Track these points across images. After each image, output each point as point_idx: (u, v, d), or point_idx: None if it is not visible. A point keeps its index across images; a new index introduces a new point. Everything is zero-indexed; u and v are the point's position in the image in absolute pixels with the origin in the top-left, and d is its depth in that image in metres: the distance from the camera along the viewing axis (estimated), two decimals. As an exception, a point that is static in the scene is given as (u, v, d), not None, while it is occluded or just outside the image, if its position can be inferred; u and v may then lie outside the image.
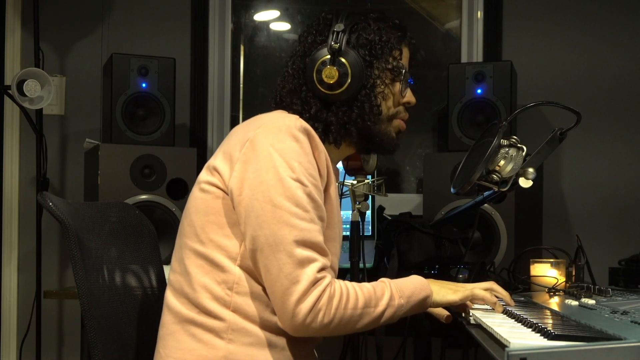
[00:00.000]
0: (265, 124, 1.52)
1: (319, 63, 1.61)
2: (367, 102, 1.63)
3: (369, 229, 2.62)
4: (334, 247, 1.61)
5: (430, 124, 3.46)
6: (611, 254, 2.45)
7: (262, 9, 3.63)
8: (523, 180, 1.78)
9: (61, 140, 3.41)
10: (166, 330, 1.56)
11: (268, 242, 1.45)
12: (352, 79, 1.61)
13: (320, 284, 1.44)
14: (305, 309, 1.43)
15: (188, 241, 1.56)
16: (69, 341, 3.36)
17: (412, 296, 1.56)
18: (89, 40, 3.40)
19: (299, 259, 1.43)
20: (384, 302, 1.52)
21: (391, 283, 1.56)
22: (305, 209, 1.46)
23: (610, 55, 3.14)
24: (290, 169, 1.47)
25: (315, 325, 1.44)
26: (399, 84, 1.69)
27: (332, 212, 1.59)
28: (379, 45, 1.65)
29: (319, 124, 1.62)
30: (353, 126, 1.64)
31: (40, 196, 1.53)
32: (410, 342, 2.61)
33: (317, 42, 1.65)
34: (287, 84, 1.67)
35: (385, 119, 1.69)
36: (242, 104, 3.60)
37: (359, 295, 1.49)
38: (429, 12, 3.55)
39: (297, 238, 1.44)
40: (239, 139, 1.54)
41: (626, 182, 3.10)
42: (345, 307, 1.47)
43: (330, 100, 1.62)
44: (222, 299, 1.50)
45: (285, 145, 1.48)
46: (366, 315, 1.50)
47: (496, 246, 2.62)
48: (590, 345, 1.04)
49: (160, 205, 2.80)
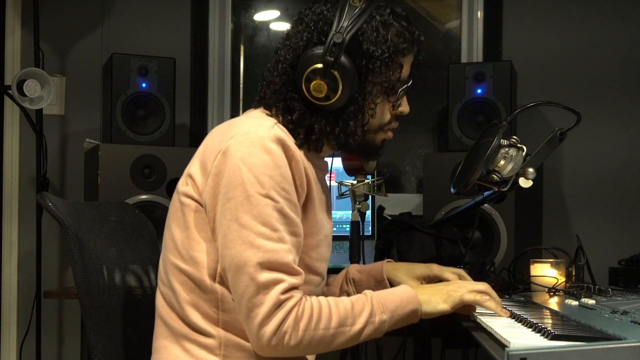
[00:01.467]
0: (238, 134, 1.45)
1: (309, 71, 1.49)
2: (353, 119, 1.53)
3: (369, 229, 2.62)
4: (317, 254, 1.57)
5: (430, 124, 3.46)
6: (611, 254, 2.46)
7: (262, 9, 3.63)
8: (523, 180, 1.77)
9: (61, 140, 3.41)
10: (160, 344, 1.54)
11: (233, 262, 1.41)
12: (341, 93, 1.49)
13: (284, 305, 1.39)
14: (269, 332, 1.38)
15: (170, 256, 1.53)
16: (69, 341, 3.36)
17: (397, 310, 1.47)
18: (89, 40, 3.40)
19: (262, 282, 1.38)
20: (362, 319, 1.44)
21: (373, 297, 1.48)
22: (273, 228, 1.41)
23: (610, 55, 3.13)
24: (260, 184, 1.41)
25: (282, 348, 1.40)
26: (395, 96, 1.58)
27: (315, 219, 1.55)
28: (379, 61, 1.52)
29: (301, 129, 1.52)
30: (334, 140, 1.56)
31: (40, 196, 1.53)
32: (410, 342, 2.61)
33: (313, 42, 1.52)
34: (272, 83, 1.55)
35: (372, 131, 1.59)
36: (242, 104, 3.60)
37: (332, 313, 1.43)
38: (429, 12, 3.55)
39: (262, 260, 1.39)
40: (214, 146, 1.48)
41: (626, 182, 3.10)
42: (315, 328, 1.41)
43: (316, 107, 1.53)
44: (211, 316, 1.48)
45: (255, 159, 1.41)
46: (341, 335, 1.43)
47: (496, 246, 2.62)
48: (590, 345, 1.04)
49: (160, 205, 2.80)
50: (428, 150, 3.43)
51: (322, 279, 1.63)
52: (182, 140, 3.30)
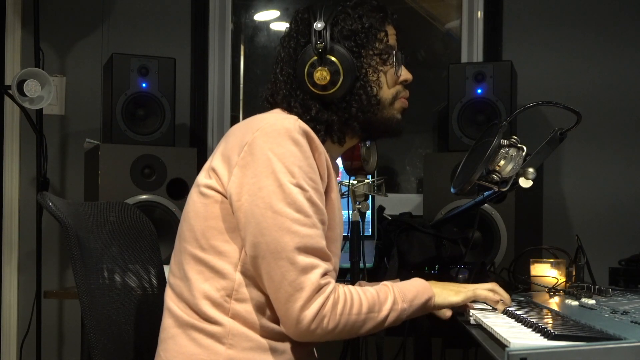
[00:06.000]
0: (264, 127, 1.49)
1: (308, 66, 1.58)
2: (364, 94, 1.61)
3: (369, 229, 2.62)
4: (335, 248, 1.61)
5: (430, 124, 3.46)
6: (611, 254, 2.45)
7: (262, 9, 3.63)
8: (523, 180, 1.77)
9: (61, 140, 3.41)
10: (167, 334, 1.55)
11: (270, 249, 1.44)
12: (344, 75, 1.58)
13: (325, 290, 1.44)
14: (310, 315, 1.42)
15: (188, 246, 1.55)
16: (69, 341, 3.36)
17: (415, 299, 1.56)
18: (89, 40, 3.40)
19: (301, 266, 1.43)
20: (388, 306, 1.51)
21: (394, 287, 1.56)
22: (306, 215, 1.45)
23: (610, 54, 3.13)
24: (290, 174, 1.45)
25: (320, 331, 1.44)
26: (391, 65, 1.66)
27: (334, 213, 1.59)
28: (363, 33, 1.62)
29: (320, 125, 1.60)
30: (355, 121, 1.63)
31: (40, 196, 1.53)
32: (410, 342, 2.61)
33: (301, 45, 1.62)
34: (281, 90, 1.63)
35: (387, 105, 1.67)
36: (242, 104, 3.60)
37: (362, 300, 1.49)
38: (429, 12, 3.55)
39: (299, 245, 1.43)
40: (237, 141, 1.52)
41: (626, 182, 3.10)
42: (349, 313, 1.47)
43: (328, 99, 1.60)
44: (222, 305, 1.50)
45: (284, 150, 1.46)
46: (370, 320, 1.50)
47: (496, 246, 2.62)
48: (590, 345, 1.04)
49: (160, 205, 2.80)
50: (428, 150, 3.43)
51: (335, 276, 1.65)
52: (182, 140, 3.30)
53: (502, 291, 1.66)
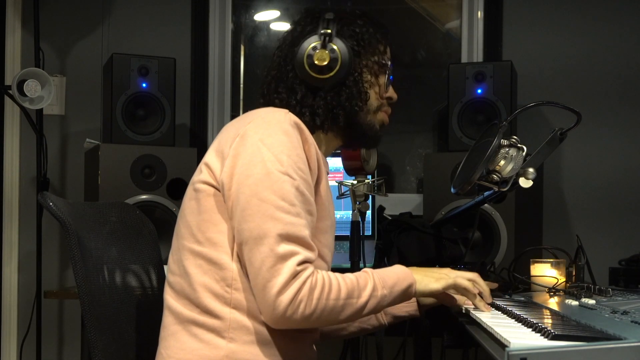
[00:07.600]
0: (255, 119, 1.54)
1: (310, 48, 1.63)
2: (354, 88, 1.66)
3: (369, 229, 2.62)
4: (325, 239, 1.62)
5: (431, 124, 3.46)
6: (611, 254, 2.45)
7: (262, 9, 3.63)
8: (523, 180, 1.78)
9: (61, 140, 3.41)
10: (167, 332, 1.56)
11: (252, 235, 1.45)
12: (341, 64, 1.63)
13: (300, 275, 1.44)
14: (286, 300, 1.42)
15: (185, 242, 1.56)
16: (69, 341, 3.36)
17: (395, 286, 1.56)
18: (89, 40, 3.40)
19: (281, 253, 1.43)
20: (367, 292, 1.51)
21: (374, 273, 1.55)
22: (291, 203, 1.47)
23: (610, 54, 3.14)
24: (279, 162, 1.47)
25: (297, 316, 1.44)
26: (383, 78, 1.72)
27: (323, 204, 1.60)
28: (366, 40, 1.68)
29: (305, 109, 1.64)
30: (341, 109, 1.65)
31: (41, 196, 1.53)
32: (410, 342, 2.61)
33: (306, 32, 1.67)
34: (272, 70, 1.69)
35: (372, 110, 1.71)
36: (242, 104, 3.60)
37: (341, 285, 1.49)
38: (429, 12, 3.55)
39: (281, 232, 1.44)
40: (230, 135, 1.55)
41: (626, 182, 3.10)
42: (327, 298, 1.46)
43: (318, 85, 1.64)
44: (223, 296, 1.51)
45: (274, 139, 1.49)
46: (349, 306, 1.49)
47: (496, 246, 2.62)
48: (590, 345, 1.04)
49: (161, 205, 2.80)
50: (428, 150, 3.43)
51: (327, 268, 1.66)
52: (182, 140, 3.30)
53: (482, 283, 1.67)
